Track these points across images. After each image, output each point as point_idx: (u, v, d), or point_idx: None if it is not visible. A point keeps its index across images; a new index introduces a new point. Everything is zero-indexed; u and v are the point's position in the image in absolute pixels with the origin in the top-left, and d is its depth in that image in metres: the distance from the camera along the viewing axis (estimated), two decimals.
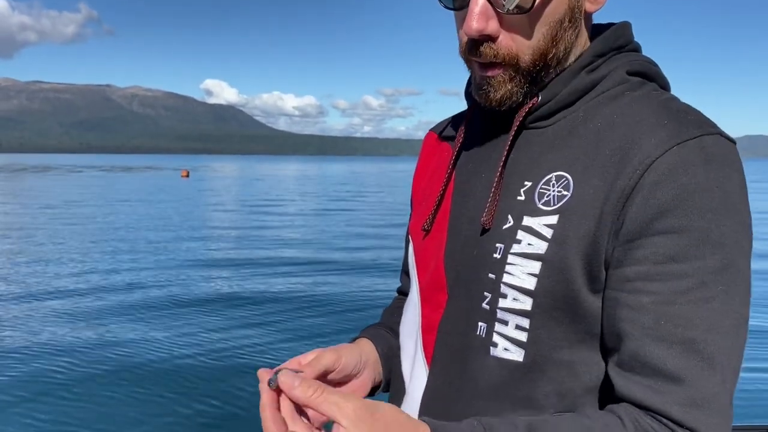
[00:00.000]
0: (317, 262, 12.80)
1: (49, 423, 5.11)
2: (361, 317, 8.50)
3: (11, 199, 30.32)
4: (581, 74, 0.90)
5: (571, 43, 0.90)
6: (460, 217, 0.97)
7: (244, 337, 7.40)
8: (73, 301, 9.11)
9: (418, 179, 1.17)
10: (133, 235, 16.87)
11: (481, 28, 0.84)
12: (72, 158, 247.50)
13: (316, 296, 9.71)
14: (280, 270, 11.92)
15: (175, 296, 9.57)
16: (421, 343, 1.00)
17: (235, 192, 38.95)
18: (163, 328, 7.74)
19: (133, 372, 6.17)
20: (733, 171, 0.80)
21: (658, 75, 0.94)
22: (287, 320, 8.20)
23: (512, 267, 0.86)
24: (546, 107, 0.91)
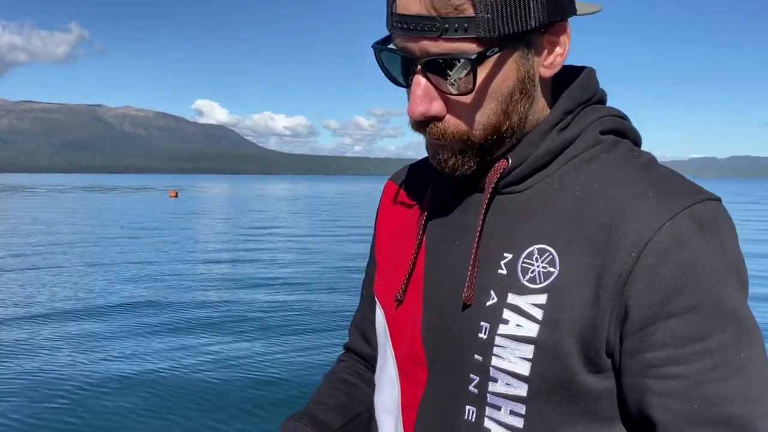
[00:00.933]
0: (301, 283, 12.84)
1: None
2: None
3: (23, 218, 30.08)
4: (552, 134, 0.87)
5: (526, 112, 0.86)
6: (435, 287, 0.92)
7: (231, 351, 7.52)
8: (55, 323, 9.18)
9: (382, 234, 1.11)
10: (108, 255, 16.91)
11: (424, 111, 0.82)
12: (61, 178, 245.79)
13: (301, 315, 9.70)
14: (262, 291, 12.04)
15: (150, 316, 9.64)
16: (401, 421, 0.95)
17: (222, 212, 39.09)
18: (139, 348, 7.83)
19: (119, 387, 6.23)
20: (728, 232, 0.79)
21: (630, 130, 0.92)
22: (271, 339, 8.21)
23: (502, 350, 0.82)
24: (518, 171, 0.87)
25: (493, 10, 0.76)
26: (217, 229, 26.67)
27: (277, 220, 31.67)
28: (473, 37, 0.77)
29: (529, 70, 0.83)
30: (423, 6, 0.77)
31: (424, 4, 0.77)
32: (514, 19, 0.77)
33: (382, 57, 0.86)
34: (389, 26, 0.84)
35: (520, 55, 0.82)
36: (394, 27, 0.82)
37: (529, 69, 0.83)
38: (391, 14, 0.82)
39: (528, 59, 0.83)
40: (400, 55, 0.83)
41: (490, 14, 0.76)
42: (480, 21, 0.76)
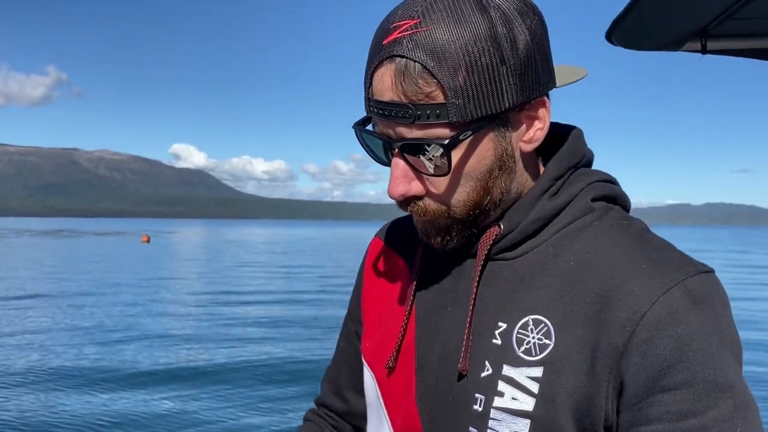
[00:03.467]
0: (266, 338, 11.97)
1: None
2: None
3: None
4: (542, 200, 0.87)
5: (507, 187, 0.86)
6: (428, 356, 0.91)
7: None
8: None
9: (368, 294, 1.08)
10: (62, 307, 15.84)
11: (404, 192, 0.83)
12: (33, 222, 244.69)
13: (274, 365, 9.20)
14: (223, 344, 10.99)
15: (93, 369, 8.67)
16: None
17: (193, 259, 38.01)
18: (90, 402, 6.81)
19: None
20: (721, 305, 0.79)
21: (620, 195, 0.92)
22: (245, 391, 7.81)
23: (497, 423, 0.81)
24: (509, 238, 0.87)
25: (464, 95, 0.77)
26: (182, 277, 25.52)
27: (248, 269, 30.58)
28: (446, 122, 0.78)
29: (507, 147, 0.84)
30: (395, 93, 0.78)
31: (396, 92, 0.78)
32: (487, 102, 0.78)
33: (363, 137, 0.88)
34: (367, 109, 0.84)
35: (496, 134, 0.82)
36: (371, 110, 0.83)
37: (507, 146, 0.84)
38: (368, 98, 0.83)
39: (505, 137, 0.83)
40: (378, 138, 0.84)
41: (461, 100, 0.77)
42: (451, 107, 0.77)
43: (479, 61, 0.77)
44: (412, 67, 0.77)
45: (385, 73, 0.79)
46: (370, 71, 0.82)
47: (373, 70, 0.81)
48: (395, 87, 0.78)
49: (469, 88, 0.76)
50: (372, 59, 0.82)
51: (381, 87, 0.80)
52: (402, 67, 0.77)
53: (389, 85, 0.79)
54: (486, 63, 0.77)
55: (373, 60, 0.81)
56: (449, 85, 0.76)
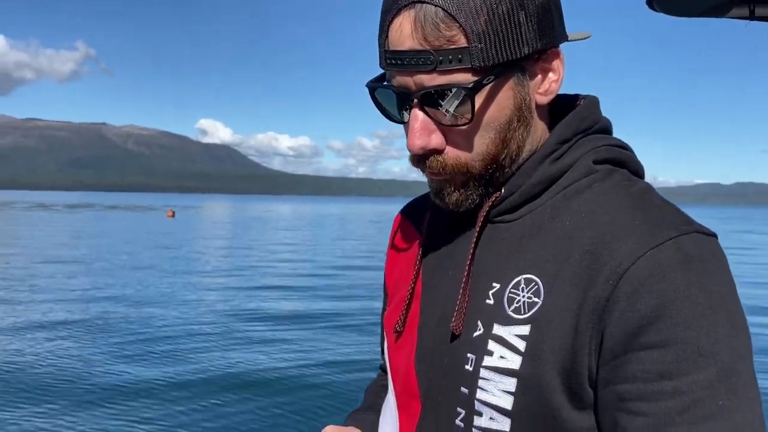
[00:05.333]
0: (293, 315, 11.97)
1: None
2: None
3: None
4: (545, 164, 0.86)
5: (524, 140, 0.86)
6: (428, 318, 0.92)
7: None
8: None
9: (391, 266, 1.11)
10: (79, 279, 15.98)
11: (424, 145, 0.82)
12: (64, 196, 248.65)
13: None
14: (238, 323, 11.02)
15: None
16: None
17: (216, 233, 38.21)
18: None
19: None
20: (716, 268, 0.75)
21: (628, 160, 0.89)
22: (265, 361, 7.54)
23: (486, 382, 0.80)
24: (510, 200, 0.87)
25: (486, 39, 0.76)
26: (203, 250, 25.64)
27: (272, 243, 30.64)
28: (468, 68, 0.77)
29: (525, 97, 0.83)
30: (415, 40, 0.77)
31: (417, 39, 0.77)
32: (508, 47, 0.78)
33: (377, 95, 0.87)
34: (382, 63, 0.83)
35: (515, 82, 0.82)
36: (387, 64, 0.82)
37: (525, 96, 0.83)
38: (384, 51, 0.82)
39: (524, 86, 0.83)
40: (396, 92, 0.83)
41: (483, 43, 0.76)
42: (473, 51, 0.76)
43: (500, 5, 0.76)
44: (433, 12, 0.76)
45: (404, 21, 0.78)
46: (386, 22, 0.81)
47: (390, 21, 0.80)
48: (415, 33, 0.77)
49: (490, 31, 0.76)
50: (389, 9, 0.80)
51: (399, 36, 0.79)
52: (422, 12, 0.76)
53: (409, 33, 0.78)
54: (506, 8, 0.77)
55: (391, 9, 0.80)
56: (471, 29, 0.76)
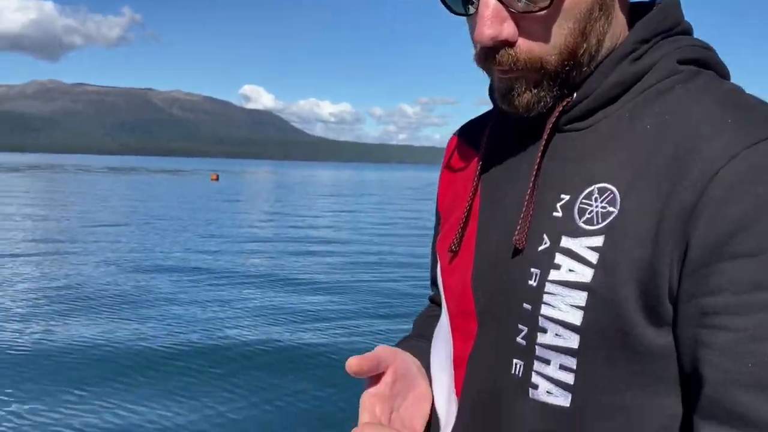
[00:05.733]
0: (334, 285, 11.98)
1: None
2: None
3: (47, 198, 30.61)
4: (623, 64, 0.78)
5: (604, 33, 0.78)
6: (488, 234, 0.86)
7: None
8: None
9: (444, 189, 1.05)
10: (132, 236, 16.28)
11: (495, 34, 0.74)
12: (110, 159, 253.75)
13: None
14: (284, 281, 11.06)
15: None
16: (453, 377, 0.88)
17: (260, 197, 38.57)
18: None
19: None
20: None
21: (714, 61, 0.81)
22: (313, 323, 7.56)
23: (552, 297, 0.75)
24: (583, 105, 0.79)
25: None
26: (245, 214, 25.84)
27: (313, 208, 30.75)
28: None
29: None
30: None
31: None
32: None
33: None
34: None
35: None
36: None
37: None
38: None
39: None
40: None
41: None
42: None
43: None
44: None
45: None
46: None
47: None
48: None
49: None
50: None
51: None
52: None
53: None
54: None
55: None
56: None
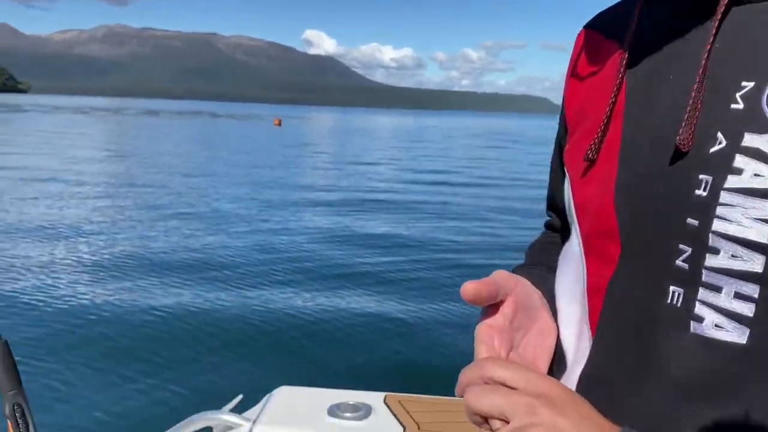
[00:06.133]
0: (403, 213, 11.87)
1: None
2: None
3: (116, 140, 31.40)
4: None
5: None
6: (637, 137, 0.71)
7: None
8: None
9: (572, 92, 0.89)
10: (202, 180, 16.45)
11: None
12: (176, 104, 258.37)
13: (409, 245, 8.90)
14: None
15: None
16: (587, 307, 0.75)
17: (320, 142, 38.65)
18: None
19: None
20: None
21: None
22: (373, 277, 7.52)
23: (729, 210, 0.62)
24: None
25: None
26: (308, 158, 25.84)
27: (373, 154, 30.53)
28: None
29: None
30: None
31: None
32: None
33: None
34: None
35: None
36: None
37: None
38: None
39: None
40: None
41: None
42: None
43: None
44: None
45: None
46: None
47: None
48: None
49: None
50: None
51: None
52: None
53: None
54: None
55: None
56: None
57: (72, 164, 19.46)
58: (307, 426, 1.79)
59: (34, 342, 5.28)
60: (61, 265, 7.76)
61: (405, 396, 1.97)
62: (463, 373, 0.60)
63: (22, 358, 1.34)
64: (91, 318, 5.98)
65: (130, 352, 5.28)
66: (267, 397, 2.01)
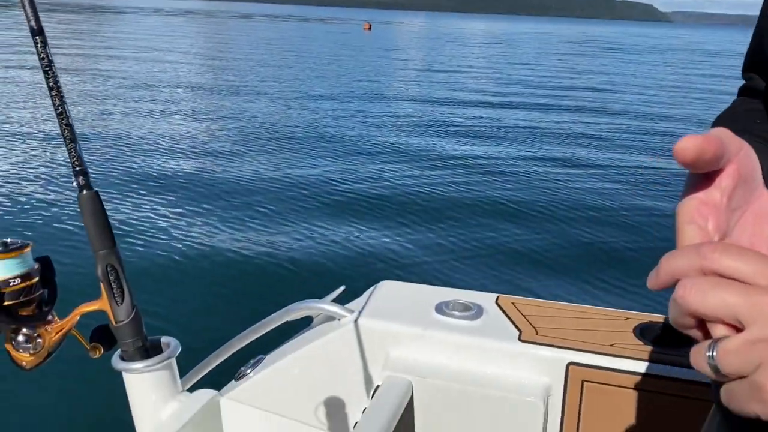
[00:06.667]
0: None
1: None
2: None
3: (210, 42, 31.89)
4: None
5: None
6: None
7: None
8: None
9: None
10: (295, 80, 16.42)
11: None
12: (267, 8, 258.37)
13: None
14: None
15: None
16: None
17: (410, 47, 37.85)
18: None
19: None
20: None
21: None
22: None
23: None
24: None
25: None
26: (396, 59, 25.31)
27: (465, 60, 29.65)
28: None
29: None
30: None
31: None
32: None
33: None
34: None
35: None
36: None
37: None
38: None
39: None
40: None
41: None
42: None
43: None
44: None
45: None
46: None
47: None
48: None
49: None
50: None
51: None
52: None
53: None
54: None
55: None
56: None
57: (166, 68, 19.80)
58: (413, 321, 1.68)
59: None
60: (152, 176, 7.92)
61: (519, 298, 1.84)
62: (670, 261, 0.44)
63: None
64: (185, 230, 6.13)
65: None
66: (370, 290, 1.92)
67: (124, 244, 5.05)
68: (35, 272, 1.08)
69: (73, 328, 1.14)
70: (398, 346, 1.66)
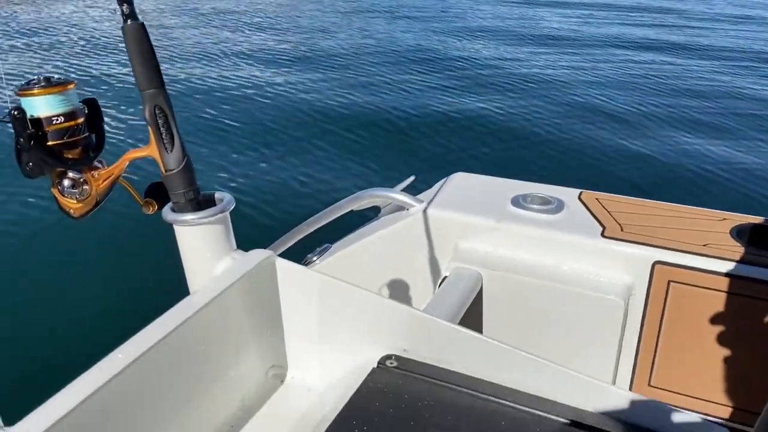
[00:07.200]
0: None
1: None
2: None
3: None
4: None
5: None
6: None
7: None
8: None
9: None
10: None
11: None
12: None
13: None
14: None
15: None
16: None
17: None
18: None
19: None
20: None
21: None
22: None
23: None
24: None
25: None
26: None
27: None
28: None
29: None
30: None
31: None
32: None
33: None
34: None
35: None
36: None
37: None
38: None
39: None
40: None
41: None
42: None
43: None
44: None
45: None
46: None
47: None
48: None
49: None
50: None
51: None
52: None
53: None
54: None
55: None
56: None
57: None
58: (486, 213, 1.58)
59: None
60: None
61: (604, 194, 1.73)
62: None
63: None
64: (268, 101, 6.06)
65: (307, 129, 5.32)
66: (442, 181, 1.83)
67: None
68: (80, 112, 1.01)
69: (122, 178, 1.08)
70: (469, 237, 1.59)
